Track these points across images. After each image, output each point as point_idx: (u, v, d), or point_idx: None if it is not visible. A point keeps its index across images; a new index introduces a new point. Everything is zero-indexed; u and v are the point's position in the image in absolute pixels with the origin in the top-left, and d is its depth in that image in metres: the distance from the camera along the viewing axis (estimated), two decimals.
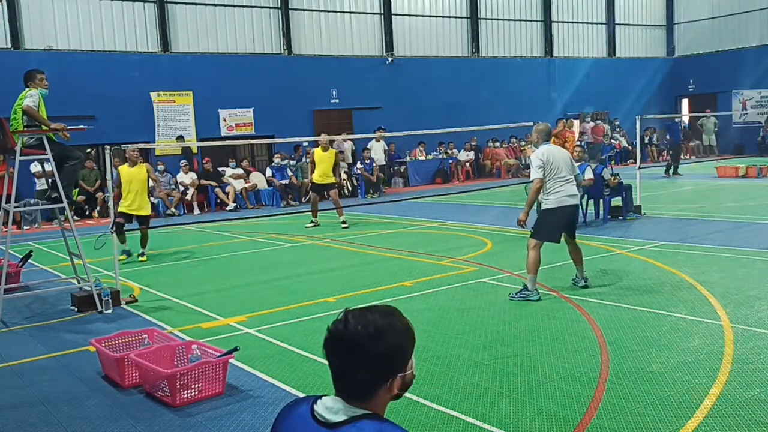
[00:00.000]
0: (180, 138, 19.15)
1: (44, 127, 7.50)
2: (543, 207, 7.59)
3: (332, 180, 14.03)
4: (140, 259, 10.91)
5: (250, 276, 9.44)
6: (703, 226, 11.44)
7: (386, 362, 1.83)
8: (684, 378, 4.86)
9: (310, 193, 14.76)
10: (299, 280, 8.95)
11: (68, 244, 8.40)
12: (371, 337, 1.80)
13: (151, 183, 11.12)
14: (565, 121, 15.69)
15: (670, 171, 20.96)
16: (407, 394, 4.77)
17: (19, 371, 5.85)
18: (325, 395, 1.90)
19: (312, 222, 14.01)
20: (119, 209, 10.46)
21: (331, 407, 1.83)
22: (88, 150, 18.01)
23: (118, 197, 10.51)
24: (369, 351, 1.80)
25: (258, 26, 21.36)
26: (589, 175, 11.81)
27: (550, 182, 7.42)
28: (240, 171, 18.92)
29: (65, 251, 8.57)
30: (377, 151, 21.05)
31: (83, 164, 15.39)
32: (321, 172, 13.96)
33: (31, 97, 7.45)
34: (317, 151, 14.13)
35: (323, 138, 14.47)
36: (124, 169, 10.93)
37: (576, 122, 22.00)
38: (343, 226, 13.57)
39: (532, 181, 7.51)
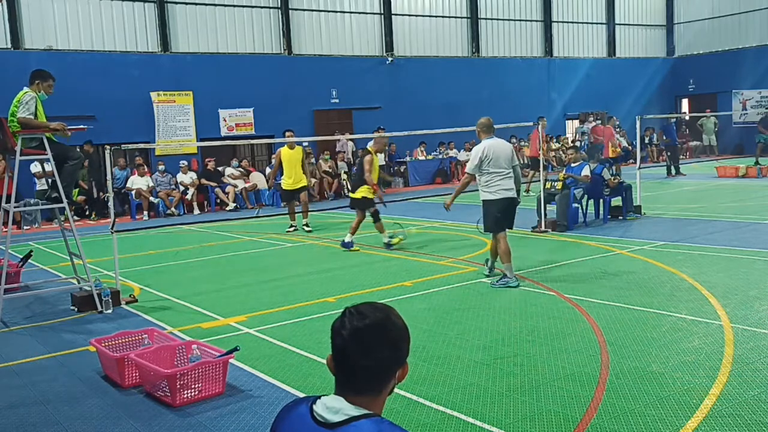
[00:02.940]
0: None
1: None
2: (483, 199, 8.08)
3: (304, 183, 13.24)
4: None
5: (250, 276, 9.44)
6: (703, 226, 11.44)
7: (401, 342, 1.87)
8: (684, 378, 4.86)
9: (282, 201, 14.04)
10: (299, 280, 8.95)
11: (68, 244, 8.39)
12: (388, 318, 1.86)
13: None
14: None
15: (672, 171, 20.95)
16: (407, 394, 4.78)
17: (19, 371, 5.85)
18: (325, 395, 1.90)
19: (292, 226, 13.35)
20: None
21: (331, 407, 1.83)
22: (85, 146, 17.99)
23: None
24: (390, 334, 1.85)
25: (258, 26, 21.36)
26: (585, 172, 12.03)
27: (489, 176, 7.92)
28: (238, 172, 18.88)
29: (65, 251, 8.57)
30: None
31: (83, 164, 15.37)
32: (292, 176, 13.08)
33: (24, 106, 7.37)
34: (283, 151, 13.20)
35: (289, 136, 13.34)
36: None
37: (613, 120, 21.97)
38: (306, 229, 13.06)
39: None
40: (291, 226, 13.38)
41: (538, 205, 11.68)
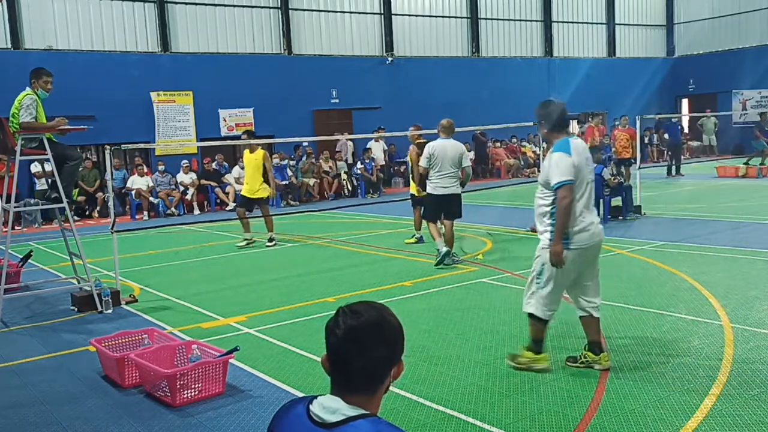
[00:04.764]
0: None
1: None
2: (427, 191, 9.29)
3: (262, 194, 11.59)
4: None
5: (250, 276, 9.44)
6: (703, 226, 11.43)
7: (397, 341, 1.87)
8: (684, 378, 4.86)
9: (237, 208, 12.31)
10: (299, 280, 8.95)
11: (68, 244, 8.39)
12: (383, 316, 1.86)
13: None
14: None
15: (672, 171, 20.94)
16: (407, 394, 4.78)
17: (19, 371, 5.85)
18: (322, 395, 1.89)
19: (245, 240, 11.73)
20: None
21: (328, 407, 1.82)
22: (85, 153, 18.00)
23: None
24: (385, 332, 1.84)
25: (258, 26, 21.36)
26: None
27: (432, 172, 9.03)
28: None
29: (65, 251, 8.56)
30: (377, 151, 21.06)
31: (82, 164, 15.38)
32: (249, 182, 11.65)
33: (26, 109, 7.37)
34: (245, 153, 11.99)
35: (244, 138, 12.02)
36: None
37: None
38: (268, 244, 11.58)
39: None
40: (243, 239, 11.73)
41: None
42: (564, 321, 6.06)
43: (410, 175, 11.06)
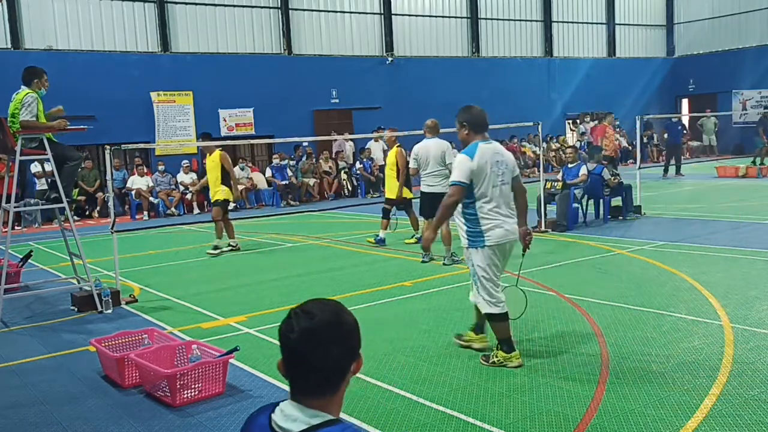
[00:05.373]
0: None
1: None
2: (421, 189, 9.62)
3: (219, 197, 11.01)
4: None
5: (250, 276, 9.44)
6: (703, 226, 11.44)
7: (354, 336, 1.82)
8: (684, 378, 4.86)
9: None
10: (299, 280, 8.95)
11: (68, 244, 8.39)
12: (337, 313, 1.80)
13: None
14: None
15: (671, 171, 20.87)
16: (407, 394, 4.78)
17: (19, 371, 5.84)
18: (283, 400, 1.85)
19: (215, 247, 11.17)
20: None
21: (288, 414, 1.77)
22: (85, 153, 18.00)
23: None
24: (341, 329, 1.79)
25: (258, 26, 21.36)
26: (583, 171, 12.08)
27: (421, 171, 9.50)
28: (246, 173, 18.87)
29: (65, 251, 8.57)
30: (376, 151, 21.05)
31: (82, 164, 15.38)
32: (210, 186, 11.21)
33: (27, 108, 7.37)
34: (207, 157, 11.41)
35: (203, 139, 11.45)
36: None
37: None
38: (209, 251, 11.02)
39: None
40: (214, 247, 11.15)
41: (538, 205, 11.68)
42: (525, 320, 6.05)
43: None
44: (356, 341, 1.83)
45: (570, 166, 12.46)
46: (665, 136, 22.29)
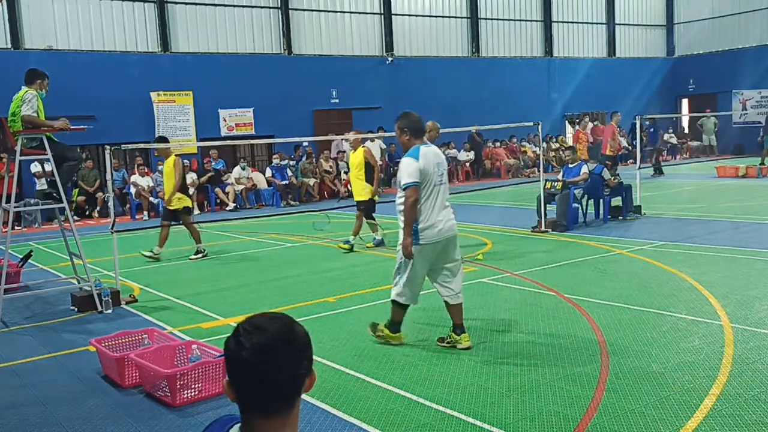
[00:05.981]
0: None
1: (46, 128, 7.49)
2: None
3: (177, 205, 10.68)
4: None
5: (250, 276, 9.44)
6: (703, 226, 11.44)
7: (309, 348, 1.72)
8: (684, 378, 4.86)
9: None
10: (299, 280, 8.95)
11: (68, 244, 8.39)
12: (287, 326, 1.70)
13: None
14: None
15: (650, 171, 20.95)
16: (407, 394, 4.78)
17: (19, 371, 5.84)
18: (237, 422, 1.75)
19: (151, 252, 10.80)
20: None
21: None
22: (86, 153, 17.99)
23: None
24: (295, 342, 1.69)
25: (258, 26, 21.36)
26: (584, 171, 12.12)
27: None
28: (247, 174, 18.86)
29: (65, 251, 8.56)
30: (375, 151, 20.99)
31: (81, 164, 15.37)
32: (168, 192, 10.80)
33: (28, 103, 7.38)
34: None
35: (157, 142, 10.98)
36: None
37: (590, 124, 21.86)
38: (192, 257, 10.79)
39: None
40: (150, 250, 10.84)
41: (538, 205, 11.68)
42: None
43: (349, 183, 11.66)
44: (309, 354, 1.72)
45: (571, 166, 12.47)
46: (644, 139, 22.38)
